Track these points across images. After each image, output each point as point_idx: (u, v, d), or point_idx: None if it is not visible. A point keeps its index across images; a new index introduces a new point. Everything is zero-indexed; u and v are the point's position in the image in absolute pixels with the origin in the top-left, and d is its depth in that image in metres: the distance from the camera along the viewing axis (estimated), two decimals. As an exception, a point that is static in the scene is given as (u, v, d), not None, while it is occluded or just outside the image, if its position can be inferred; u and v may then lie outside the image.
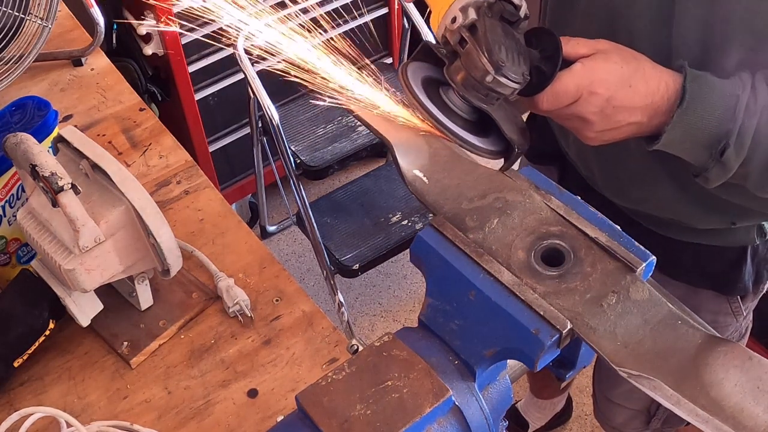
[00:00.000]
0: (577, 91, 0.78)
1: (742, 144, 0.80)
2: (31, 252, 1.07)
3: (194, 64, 2.06)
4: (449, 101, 0.78)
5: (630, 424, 1.40)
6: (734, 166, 0.81)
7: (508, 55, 0.74)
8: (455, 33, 0.76)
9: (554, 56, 0.77)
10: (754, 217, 1.03)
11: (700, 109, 0.79)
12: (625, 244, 0.65)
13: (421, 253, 0.67)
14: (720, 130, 0.80)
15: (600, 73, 0.78)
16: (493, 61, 0.73)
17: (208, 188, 1.21)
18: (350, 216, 2.07)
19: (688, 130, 0.80)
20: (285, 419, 0.63)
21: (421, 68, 0.80)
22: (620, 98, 0.79)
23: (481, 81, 0.74)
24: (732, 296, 1.15)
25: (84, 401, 0.96)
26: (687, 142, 0.82)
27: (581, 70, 0.78)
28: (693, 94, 0.79)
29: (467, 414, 0.62)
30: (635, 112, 0.80)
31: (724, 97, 0.79)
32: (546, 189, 0.70)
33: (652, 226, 1.07)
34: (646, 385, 0.57)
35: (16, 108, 1.06)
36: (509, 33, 0.76)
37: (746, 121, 0.79)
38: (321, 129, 2.08)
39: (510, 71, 0.73)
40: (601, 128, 0.81)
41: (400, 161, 0.75)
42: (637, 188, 1.04)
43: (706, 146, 0.81)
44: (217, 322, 1.04)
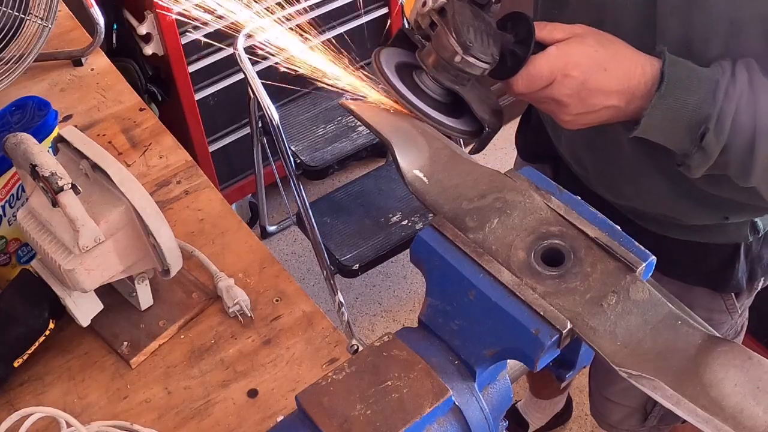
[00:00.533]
0: (551, 73, 0.79)
1: (721, 129, 0.80)
2: (31, 252, 1.07)
3: (194, 64, 2.06)
4: (422, 84, 0.81)
5: (626, 421, 1.40)
6: (715, 151, 0.81)
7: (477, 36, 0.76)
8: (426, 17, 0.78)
9: (527, 39, 0.78)
10: (746, 211, 1.03)
11: (678, 93, 0.80)
12: (625, 244, 0.65)
13: (421, 253, 0.67)
14: (699, 115, 0.80)
15: (574, 56, 0.79)
16: (461, 41, 0.75)
17: (208, 188, 1.21)
18: (350, 216, 2.07)
19: (667, 114, 0.81)
20: (285, 419, 0.63)
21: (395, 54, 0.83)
22: (595, 81, 0.79)
23: (450, 62, 0.77)
24: (726, 293, 1.15)
25: (84, 401, 0.96)
26: (667, 127, 0.82)
27: (556, 53, 0.79)
28: (671, 78, 0.79)
29: (467, 414, 0.62)
30: (611, 95, 0.81)
31: (703, 82, 0.80)
32: (546, 189, 0.70)
33: (646, 224, 1.07)
34: (646, 385, 0.57)
35: (16, 108, 1.06)
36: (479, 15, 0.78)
37: (725, 106, 0.79)
38: (321, 129, 2.08)
39: (478, 52, 0.76)
40: (577, 111, 0.82)
41: (400, 161, 0.75)
42: (628, 184, 1.04)
43: (686, 131, 0.81)
44: (217, 322, 1.04)
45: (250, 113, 2.02)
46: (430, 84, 0.80)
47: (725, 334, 1.21)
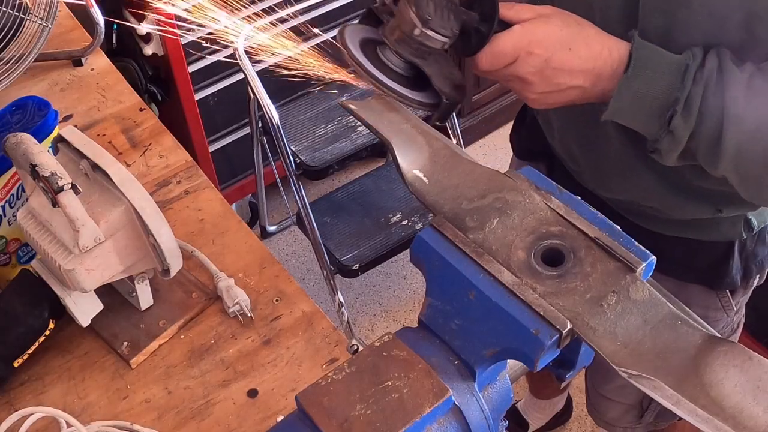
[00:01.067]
0: (514, 50, 0.80)
1: (689, 112, 0.80)
2: (31, 252, 1.07)
3: (194, 64, 2.06)
4: (385, 58, 0.83)
5: (623, 418, 1.40)
6: (683, 136, 0.82)
7: (437, 11, 0.77)
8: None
9: (492, 17, 0.80)
10: (738, 204, 1.02)
11: (646, 75, 0.80)
12: (625, 244, 0.65)
13: (421, 253, 0.67)
14: (668, 98, 0.81)
15: (538, 34, 0.80)
16: (420, 15, 0.77)
17: (208, 188, 1.21)
18: (350, 216, 2.07)
19: (635, 97, 0.81)
20: (285, 419, 0.63)
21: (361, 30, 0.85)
22: (559, 60, 0.80)
23: (410, 35, 0.79)
24: (721, 291, 1.15)
25: (84, 401, 0.96)
26: (635, 109, 0.83)
27: (520, 30, 0.80)
28: (639, 60, 0.80)
29: (467, 414, 0.62)
30: (576, 75, 0.82)
31: (672, 66, 0.81)
32: (546, 189, 0.70)
33: (640, 221, 1.07)
34: (646, 385, 0.57)
35: (16, 108, 1.06)
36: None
37: (693, 90, 0.80)
38: (321, 129, 2.08)
39: (437, 25, 0.77)
40: (541, 90, 0.83)
41: (400, 161, 0.75)
42: (618, 178, 1.05)
43: (655, 115, 0.82)
44: (217, 322, 1.04)
45: (250, 113, 2.02)
46: (393, 58, 0.82)
47: (721, 331, 1.21)
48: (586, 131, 1.02)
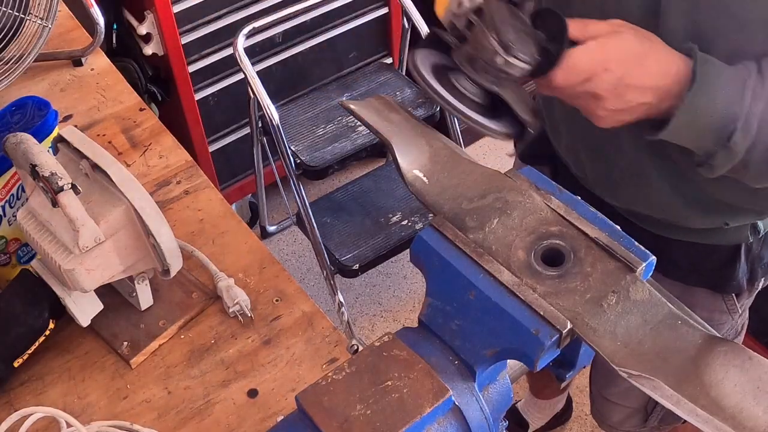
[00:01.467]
0: (591, 66, 0.78)
1: (749, 128, 0.80)
2: (31, 252, 1.07)
3: (194, 64, 2.06)
4: (460, 86, 0.79)
5: (627, 422, 1.40)
6: (741, 150, 0.81)
7: (517, 36, 0.74)
8: (462, 17, 0.76)
9: (560, 36, 0.77)
10: (746, 217, 1.03)
11: (709, 92, 0.79)
12: (625, 244, 0.65)
13: (421, 253, 0.67)
14: (728, 115, 0.80)
15: (614, 50, 0.78)
16: (502, 42, 0.73)
17: (208, 188, 1.21)
18: (350, 216, 2.07)
19: (696, 113, 0.80)
20: (285, 419, 0.63)
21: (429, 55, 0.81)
22: (633, 77, 0.79)
23: (491, 63, 0.75)
24: (727, 294, 1.15)
25: (84, 401, 0.96)
26: (694, 126, 0.82)
27: (596, 46, 0.78)
28: (703, 77, 0.79)
29: (467, 414, 0.62)
30: (647, 92, 0.80)
31: (731, 81, 0.80)
32: (546, 189, 0.70)
33: (645, 225, 1.07)
34: (646, 385, 0.57)
35: (16, 108, 1.06)
36: (515, 14, 0.76)
37: (753, 106, 0.79)
38: (321, 129, 2.08)
39: (519, 52, 0.74)
40: (613, 107, 0.81)
41: (400, 161, 0.75)
42: (628, 188, 1.04)
43: (713, 131, 0.81)
44: (217, 322, 1.04)
45: (250, 113, 2.02)
46: (468, 86, 0.79)
47: (725, 334, 1.21)
48: (596, 140, 1.01)
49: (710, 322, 1.15)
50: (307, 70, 2.27)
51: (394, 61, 2.41)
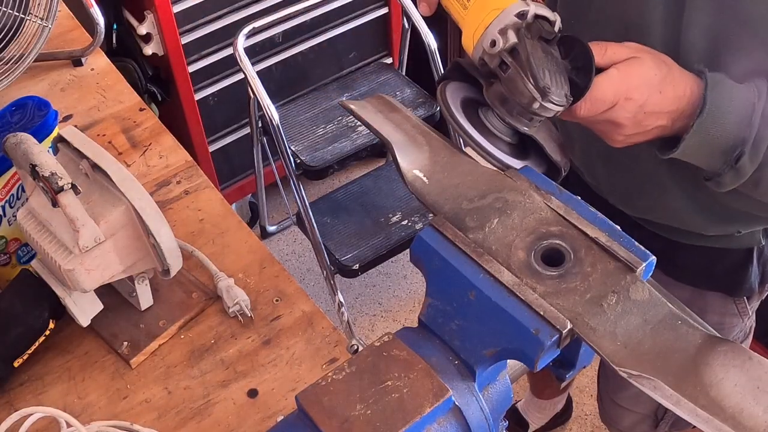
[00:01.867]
0: (614, 97, 0.78)
1: (757, 151, 0.80)
2: (31, 252, 1.07)
3: (194, 64, 2.06)
4: (490, 125, 0.78)
5: (637, 427, 1.39)
6: (748, 172, 0.82)
7: (552, 78, 0.73)
8: (495, 57, 0.74)
9: (587, 66, 0.76)
10: (758, 224, 1.03)
11: (719, 116, 0.80)
12: (625, 244, 0.65)
13: (421, 253, 0.66)
14: (736, 138, 0.80)
15: (635, 79, 0.78)
16: (539, 88, 0.72)
17: (208, 188, 1.21)
18: (350, 216, 2.07)
19: (705, 137, 0.81)
20: (285, 419, 0.63)
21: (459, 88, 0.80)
22: (652, 104, 0.79)
23: (527, 108, 0.73)
24: (738, 297, 1.15)
25: (84, 401, 0.96)
26: (703, 149, 0.82)
27: (618, 76, 0.78)
28: (713, 102, 0.79)
29: (467, 414, 0.62)
30: (663, 116, 0.81)
31: (741, 105, 0.80)
32: (546, 189, 0.70)
33: (656, 230, 1.07)
34: (646, 385, 0.57)
35: (16, 108, 1.06)
36: (549, 53, 0.74)
37: (762, 129, 0.80)
38: (321, 129, 2.08)
39: (555, 95, 0.72)
40: (630, 132, 0.81)
41: (400, 161, 0.75)
42: (644, 197, 1.04)
43: (722, 153, 0.82)
44: (217, 322, 1.04)
45: (250, 113, 2.02)
46: (498, 125, 0.77)
47: (735, 337, 1.21)
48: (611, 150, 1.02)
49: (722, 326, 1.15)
50: (307, 70, 2.27)
51: (394, 61, 2.41)
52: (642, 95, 0.78)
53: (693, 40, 0.84)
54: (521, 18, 0.73)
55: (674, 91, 0.80)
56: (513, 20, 0.73)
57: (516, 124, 0.76)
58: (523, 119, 0.75)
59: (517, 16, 0.73)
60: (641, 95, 0.78)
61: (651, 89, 0.79)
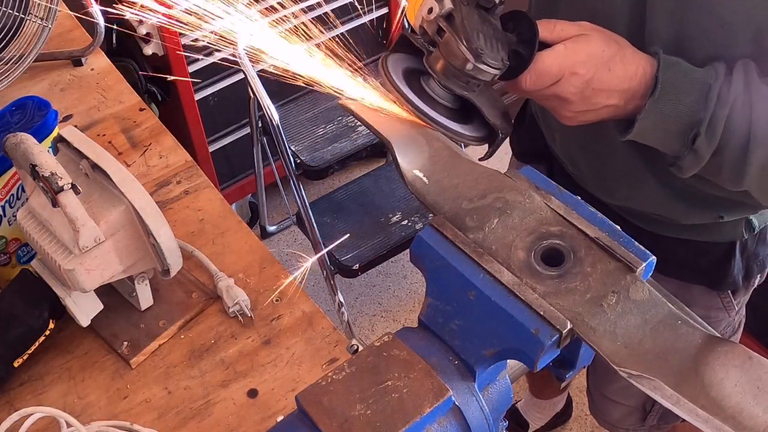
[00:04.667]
0: (559, 71, 0.79)
1: (713, 133, 0.81)
2: (31, 252, 1.07)
3: (194, 64, 2.06)
4: (431, 91, 0.80)
5: (626, 420, 1.40)
6: (706, 154, 0.82)
7: (487, 42, 0.75)
8: (432, 23, 0.77)
9: (531, 39, 0.78)
10: (741, 210, 1.03)
11: (672, 97, 0.80)
12: (625, 244, 0.65)
13: (421, 253, 0.66)
14: (691, 119, 0.81)
15: (582, 54, 0.80)
16: (472, 49, 0.74)
17: (208, 188, 1.21)
18: (350, 216, 2.07)
19: (660, 118, 0.81)
20: (285, 419, 0.63)
21: (401, 59, 0.82)
22: (600, 80, 0.80)
23: (461, 69, 0.76)
24: (723, 291, 1.15)
25: (84, 401, 0.96)
26: (659, 129, 0.83)
27: (564, 51, 0.79)
28: (665, 83, 0.80)
29: (467, 414, 0.62)
30: (613, 95, 0.82)
31: (696, 86, 0.81)
32: (546, 189, 0.70)
33: (640, 223, 1.07)
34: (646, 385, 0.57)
35: (16, 108, 1.06)
36: (486, 19, 0.77)
37: (718, 110, 0.80)
38: (321, 129, 2.08)
39: (489, 58, 0.75)
40: (579, 109, 0.83)
41: (400, 161, 0.75)
42: (623, 185, 1.04)
43: (678, 134, 0.82)
44: (217, 322, 1.04)
45: (250, 113, 2.02)
46: (438, 90, 0.79)
47: (723, 331, 1.21)
48: (589, 138, 1.02)
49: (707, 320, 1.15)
50: (307, 70, 2.27)
51: (394, 61, 2.40)
52: (588, 71, 0.79)
53: (656, 27, 0.85)
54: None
55: (624, 69, 0.81)
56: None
57: (453, 87, 0.78)
58: (460, 82, 0.77)
59: None
60: (587, 70, 0.79)
61: (598, 66, 0.80)
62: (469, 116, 0.81)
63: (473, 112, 0.80)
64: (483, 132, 0.80)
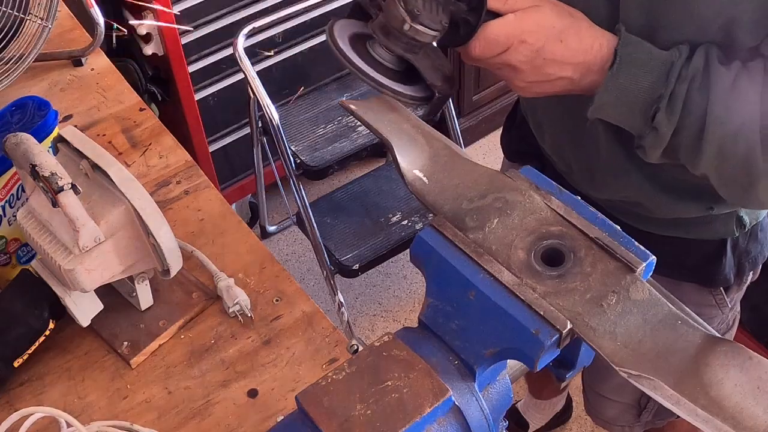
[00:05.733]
0: (507, 39, 0.80)
1: (673, 109, 0.81)
2: (31, 252, 1.07)
3: (194, 64, 2.06)
4: (375, 53, 0.82)
5: (621, 417, 1.40)
6: (667, 132, 0.83)
7: (425, 4, 0.77)
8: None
9: (479, 7, 0.80)
10: None
11: (632, 72, 0.81)
12: (625, 244, 0.65)
13: (421, 253, 0.67)
14: (652, 95, 0.82)
15: (531, 23, 0.81)
16: (408, 10, 0.77)
17: (208, 188, 1.21)
18: (350, 216, 2.07)
19: (620, 93, 0.82)
20: (285, 419, 0.63)
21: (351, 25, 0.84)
22: (550, 51, 0.81)
23: (399, 30, 0.78)
24: (714, 288, 1.15)
25: (84, 401, 0.97)
26: (620, 105, 0.83)
27: (513, 19, 0.80)
28: (625, 57, 0.81)
29: (467, 414, 0.62)
30: (566, 67, 0.82)
31: (656, 62, 0.81)
32: (546, 189, 0.70)
33: (631, 221, 1.07)
34: (646, 385, 0.57)
35: (16, 108, 1.06)
36: None
37: (677, 87, 0.81)
38: (321, 129, 2.08)
39: (426, 19, 0.77)
40: (531, 79, 0.84)
41: (400, 161, 0.75)
42: (609, 178, 1.05)
43: (639, 111, 0.83)
44: (217, 322, 1.04)
45: (250, 113, 2.02)
46: (383, 53, 0.82)
47: (717, 328, 1.21)
48: (575, 132, 1.03)
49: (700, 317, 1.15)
50: (307, 70, 2.27)
51: (394, 61, 2.40)
52: (537, 40, 0.80)
53: (629, 17, 0.85)
54: None
55: (579, 42, 0.82)
56: None
57: (394, 48, 0.81)
58: (401, 43, 0.80)
59: None
60: (536, 40, 0.80)
61: (549, 36, 0.81)
62: (414, 79, 0.83)
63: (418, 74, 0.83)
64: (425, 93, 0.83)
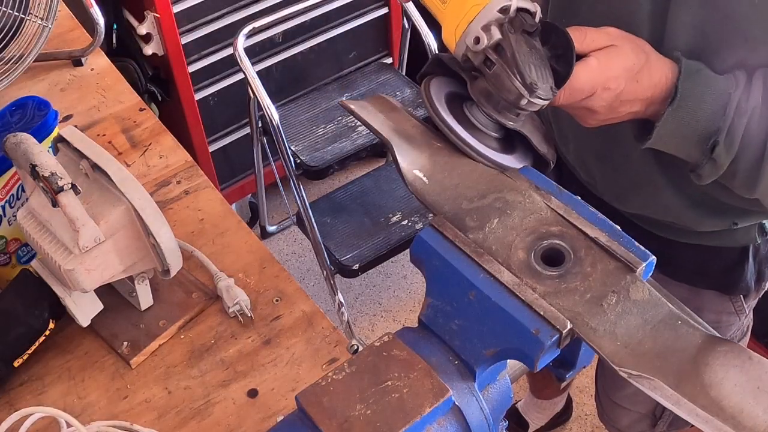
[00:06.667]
0: (592, 87, 0.79)
1: (731, 142, 0.81)
2: (31, 252, 1.07)
3: (194, 64, 2.06)
4: (476, 120, 0.77)
5: (635, 426, 1.39)
6: (725, 163, 0.82)
7: (538, 73, 0.73)
8: (480, 54, 0.74)
9: (567, 54, 0.76)
10: (755, 216, 1.03)
11: (691, 105, 0.81)
12: (625, 244, 0.65)
13: (421, 253, 0.67)
14: (710, 127, 0.81)
15: (614, 69, 0.79)
16: (527, 84, 0.71)
17: (208, 188, 1.21)
18: (350, 216, 2.07)
19: (678, 126, 0.82)
20: (285, 419, 0.63)
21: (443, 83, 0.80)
22: (628, 92, 0.80)
23: (514, 104, 0.73)
24: (735, 296, 1.15)
25: (84, 401, 0.96)
26: (678, 137, 0.83)
27: (597, 67, 0.78)
28: (685, 92, 0.80)
29: (467, 414, 0.62)
30: (636, 103, 0.82)
31: (716, 95, 0.81)
32: (546, 189, 0.70)
33: (653, 229, 1.07)
34: (646, 385, 0.57)
35: (16, 108, 1.06)
36: (532, 46, 0.74)
37: (736, 120, 0.80)
38: (321, 129, 2.08)
39: (542, 90, 0.72)
40: (604, 118, 0.83)
41: (400, 161, 0.75)
42: (637, 194, 1.04)
43: (697, 142, 0.83)
44: (217, 322, 1.04)
45: (250, 113, 2.02)
46: (484, 120, 0.77)
47: (733, 335, 1.21)
48: (603, 145, 1.02)
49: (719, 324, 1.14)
50: (307, 70, 2.27)
51: (394, 61, 2.41)
52: (619, 85, 0.79)
53: (676, 37, 0.85)
54: (504, 13, 0.73)
55: (650, 79, 0.81)
56: (496, 16, 0.73)
57: (502, 119, 0.75)
58: (510, 114, 0.75)
59: (499, 12, 0.73)
60: (618, 85, 0.79)
61: (629, 79, 0.80)
62: (512, 144, 0.79)
63: (516, 139, 0.79)
64: (529, 160, 0.79)
